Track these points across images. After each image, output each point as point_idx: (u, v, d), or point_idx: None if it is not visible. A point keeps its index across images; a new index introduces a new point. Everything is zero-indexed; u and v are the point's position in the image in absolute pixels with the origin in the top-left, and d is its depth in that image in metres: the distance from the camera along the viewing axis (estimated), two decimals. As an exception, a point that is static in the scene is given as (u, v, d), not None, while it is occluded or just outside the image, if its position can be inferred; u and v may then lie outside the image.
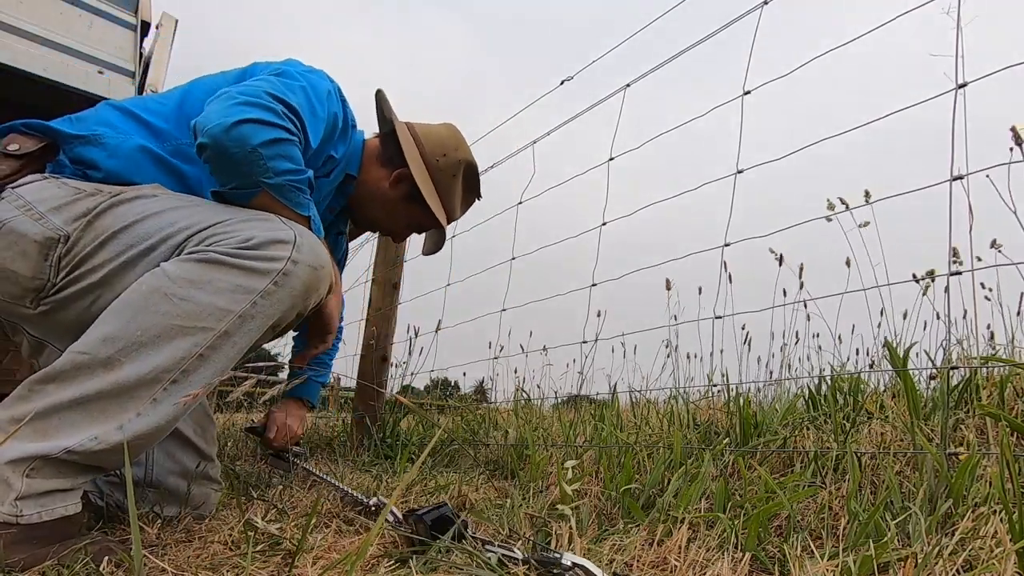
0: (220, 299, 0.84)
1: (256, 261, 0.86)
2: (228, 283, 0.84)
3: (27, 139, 0.98)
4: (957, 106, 1.03)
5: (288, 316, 0.92)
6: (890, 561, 0.75)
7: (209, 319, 0.83)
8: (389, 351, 2.31)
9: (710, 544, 0.88)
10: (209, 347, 0.83)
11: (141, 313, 0.81)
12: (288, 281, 0.89)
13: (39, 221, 0.88)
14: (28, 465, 0.75)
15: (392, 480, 1.43)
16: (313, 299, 0.96)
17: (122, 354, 0.79)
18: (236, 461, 1.80)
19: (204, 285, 0.83)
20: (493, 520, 1.06)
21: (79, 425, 0.77)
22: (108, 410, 0.79)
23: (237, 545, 0.89)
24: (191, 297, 0.82)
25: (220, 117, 0.88)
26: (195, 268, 0.84)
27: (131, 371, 0.79)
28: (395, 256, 2.35)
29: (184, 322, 0.82)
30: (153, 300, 0.82)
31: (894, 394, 1.53)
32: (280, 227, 0.90)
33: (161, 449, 1.05)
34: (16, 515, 0.74)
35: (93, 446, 0.77)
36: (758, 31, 1.40)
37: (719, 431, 1.46)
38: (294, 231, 0.91)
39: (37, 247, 0.87)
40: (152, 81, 2.03)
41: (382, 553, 0.86)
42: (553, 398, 2.71)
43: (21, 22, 1.65)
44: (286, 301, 0.89)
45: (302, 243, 0.90)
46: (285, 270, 0.88)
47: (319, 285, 0.95)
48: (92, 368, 0.79)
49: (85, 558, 0.73)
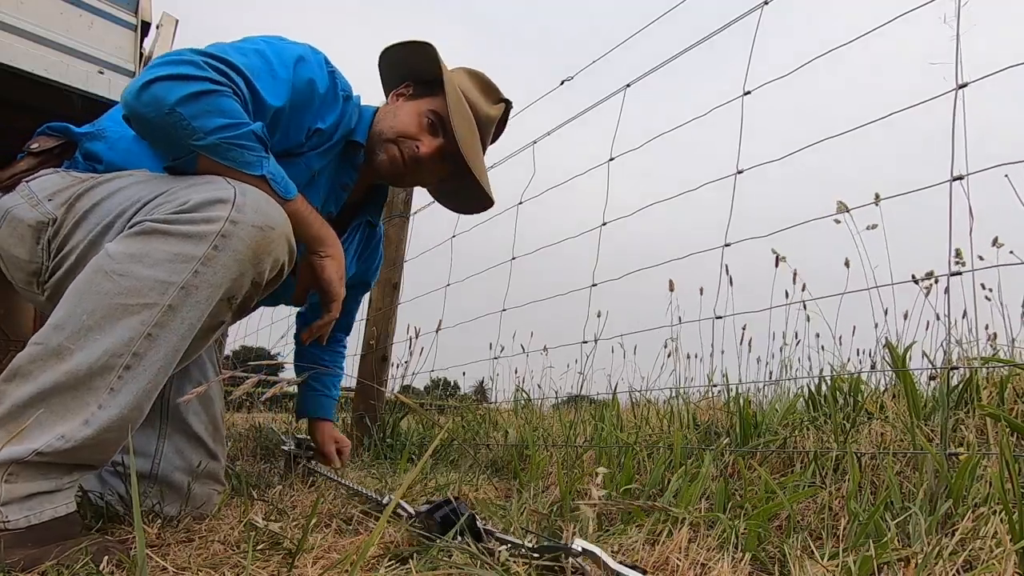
0: (159, 271, 0.79)
1: (191, 225, 0.80)
2: (166, 253, 0.79)
3: (48, 139, 1.03)
4: (957, 106, 1.03)
5: (240, 284, 0.85)
6: (890, 561, 0.75)
7: (151, 294, 0.78)
8: (389, 351, 2.31)
9: (710, 544, 0.88)
10: (156, 324, 0.79)
11: (85, 295, 0.78)
12: (229, 244, 0.81)
13: (36, 207, 0.92)
14: (5, 470, 0.73)
15: (393, 479, 1.43)
16: (267, 264, 0.87)
17: (71, 340, 0.76)
18: (236, 461, 1.80)
19: (143, 258, 0.79)
20: (498, 520, 1.06)
21: (46, 424, 0.75)
22: (69, 405, 0.76)
23: (237, 545, 0.89)
24: (130, 272, 0.78)
25: (134, 83, 0.83)
26: (133, 242, 0.80)
27: (82, 359, 0.76)
28: (395, 256, 2.35)
29: (126, 299, 0.78)
30: (96, 280, 0.78)
31: (894, 394, 1.53)
32: (221, 186, 0.83)
33: (171, 444, 1.05)
34: (2, 521, 0.72)
35: (61, 445, 0.75)
36: (758, 31, 1.40)
37: (719, 431, 1.46)
38: (235, 189, 0.83)
39: (31, 231, 0.91)
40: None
41: (382, 553, 0.86)
42: (553, 398, 2.71)
43: (22, 22, 1.65)
44: (232, 267, 0.82)
45: (244, 202, 0.83)
46: (224, 231, 0.81)
47: (270, 247, 0.86)
48: (46, 359, 0.76)
49: (85, 558, 0.73)
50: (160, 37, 2.08)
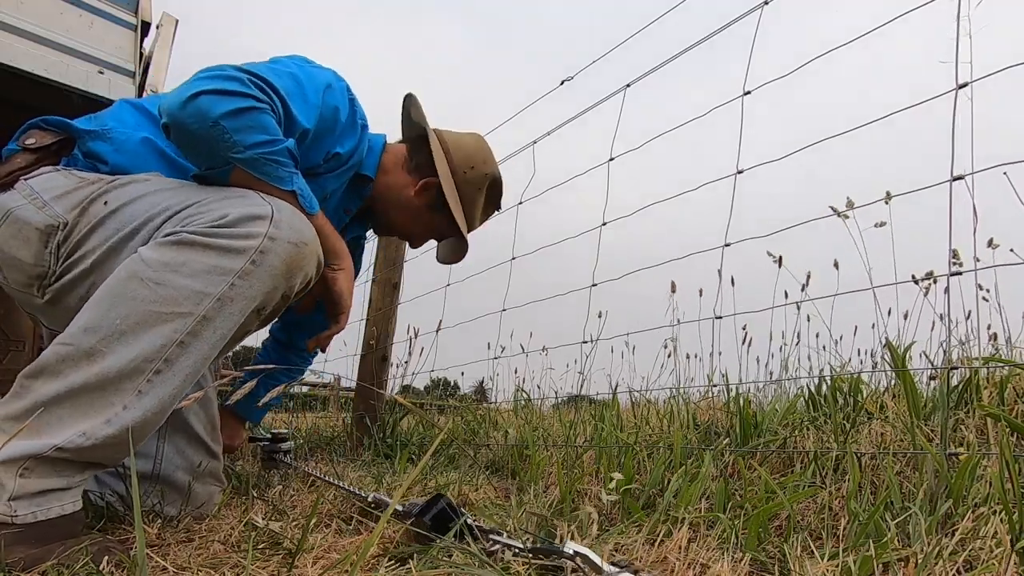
0: (197, 282, 0.81)
1: (231, 240, 0.82)
2: (204, 265, 0.81)
3: (44, 134, 0.99)
4: (957, 106, 1.03)
5: (272, 298, 0.88)
6: (890, 561, 0.75)
7: (187, 303, 0.80)
8: (389, 351, 2.31)
9: (710, 544, 0.88)
10: (189, 333, 0.81)
11: (119, 300, 0.79)
12: (266, 259, 0.84)
13: (42, 209, 0.90)
14: (21, 465, 0.74)
15: (392, 479, 1.43)
16: (298, 278, 0.90)
17: (103, 343, 0.77)
18: (236, 461, 1.80)
19: (180, 268, 0.80)
20: (496, 520, 1.06)
21: (67, 421, 0.76)
22: (95, 404, 0.77)
23: (237, 545, 0.89)
24: (167, 281, 0.80)
25: (178, 93, 0.85)
26: (170, 251, 0.81)
27: (113, 361, 0.77)
28: (395, 256, 2.35)
29: (162, 307, 0.79)
30: (130, 286, 0.79)
31: (894, 394, 1.53)
32: (257, 202, 0.86)
33: (172, 444, 1.05)
34: (11, 515, 0.73)
35: (82, 442, 0.76)
36: (758, 31, 1.40)
37: (719, 431, 1.46)
38: (272, 206, 0.86)
39: (38, 234, 0.89)
40: (152, 81, 2.03)
41: (382, 553, 0.86)
42: (553, 398, 2.71)
43: (22, 22, 1.65)
44: (267, 281, 0.85)
45: (280, 218, 0.86)
46: (262, 248, 0.83)
47: (303, 263, 0.89)
48: (76, 360, 0.77)
49: (85, 558, 0.73)
50: (160, 37, 2.08)
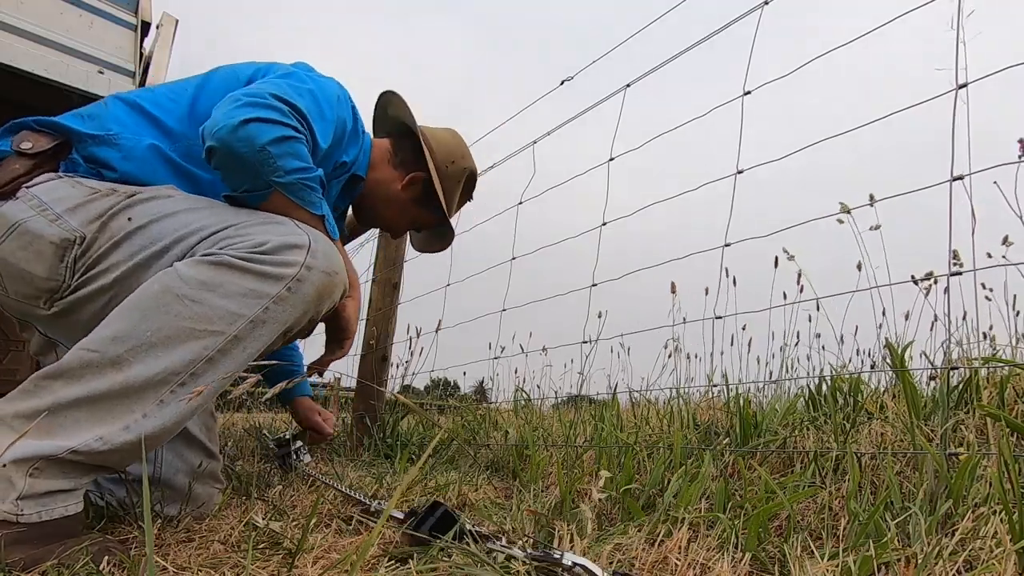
0: (232, 303, 0.83)
1: (270, 266, 0.85)
2: (241, 287, 0.83)
3: (40, 137, 0.97)
4: (957, 107, 1.03)
5: (300, 322, 0.91)
6: (890, 561, 0.75)
7: (220, 323, 0.82)
8: (389, 351, 2.31)
9: (710, 544, 0.88)
10: (219, 351, 0.82)
11: (152, 313, 0.80)
12: (302, 287, 0.87)
13: (55, 222, 0.88)
14: (32, 464, 0.75)
15: (392, 479, 1.43)
16: (327, 305, 0.94)
17: (131, 354, 0.78)
18: (236, 461, 1.80)
19: (216, 288, 0.82)
20: (495, 520, 1.06)
21: (84, 425, 0.77)
22: (114, 410, 0.78)
23: (237, 545, 0.89)
24: (203, 300, 0.81)
25: (226, 119, 0.88)
26: (208, 271, 0.83)
27: (140, 371, 0.78)
28: (395, 256, 2.35)
29: (195, 324, 0.81)
30: (165, 300, 0.81)
31: (894, 394, 1.53)
32: (295, 231, 0.89)
33: (170, 447, 1.05)
34: (16, 514, 0.73)
35: (98, 447, 0.77)
36: (758, 31, 1.40)
37: (719, 431, 1.46)
38: (309, 236, 0.89)
39: (53, 248, 0.87)
40: (152, 81, 2.03)
41: (382, 553, 0.86)
42: (553, 398, 2.71)
43: (22, 22, 1.65)
44: (299, 307, 0.88)
45: (317, 248, 0.89)
46: (299, 276, 0.87)
47: (333, 291, 0.93)
48: (100, 367, 0.78)
49: (85, 558, 0.73)
50: (160, 37, 2.08)
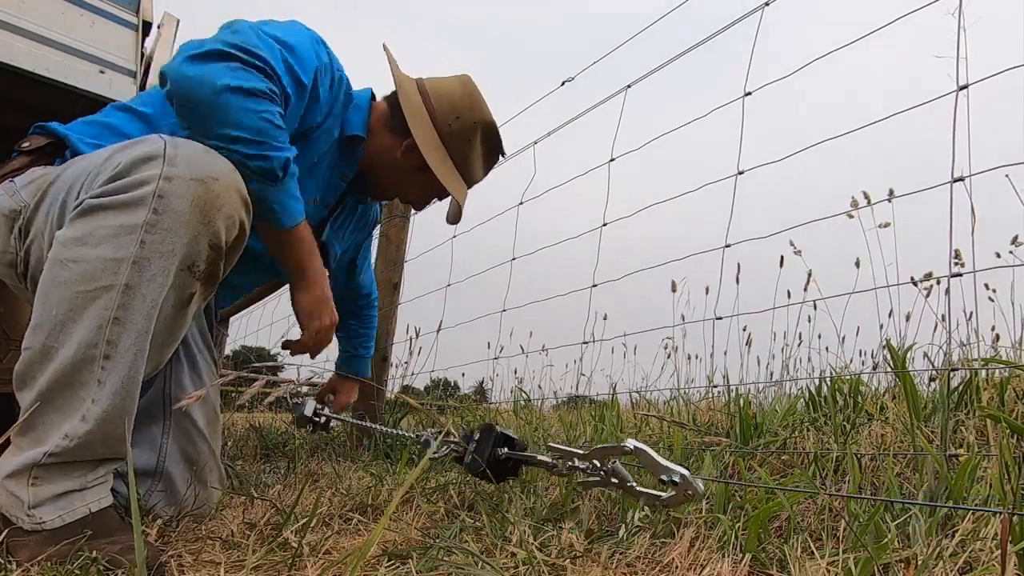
0: (106, 249, 0.74)
1: (125, 193, 0.75)
2: (107, 228, 0.74)
3: (40, 137, 1.02)
4: (959, 107, 1.03)
5: (196, 249, 0.79)
6: (890, 563, 0.75)
7: (104, 275, 0.75)
8: (389, 351, 2.31)
9: (711, 545, 0.88)
10: (119, 307, 0.75)
11: (51, 290, 0.76)
12: (169, 204, 0.75)
13: (11, 196, 0.91)
14: (29, 474, 0.75)
15: (392, 479, 1.44)
16: (219, 221, 0.80)
17: (51, 339, 0.75)
18: (236, 461, 1.80)
19: (88, 239, 0.75)
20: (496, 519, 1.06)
21: (55, 425, 0.76)
22: (68, 403, 0.76)
23: (237, 545, 0.89)
24: (81, 257, 0.75)
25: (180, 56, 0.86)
26: (78, 224, 0.76)
27: (64, 355, 0.75)
28: (395, 256, 2.35)
29: (83, 286, 0.75)
30: (54, 272, 0.76)
31: (895, 395, 1.53)
32: (148, 144, 0.77)
33: (175, 440, 1.05)
34: (39, 523, 0.74)
35: (67, 444, 0.76)
36: (759, 32, 1.40)
37: (719, 432, 1.46)
38: (165, 142, 0.77)
39: (4, 220, 0.91)
40: (153, 81, 2.03)
41: (382, 553, 0.86)
42: (553, 398, 2.71)
43: (23, 21, 1.65)
44: (179, 230, 0.76)
45: (175, 154, 0.76)
46: (159, 191, 0.74)
47: (217, 202, 0.79)
48: (39, 362, 0.76)
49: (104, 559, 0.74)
50: (161, 37, 2.08)
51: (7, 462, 0.76)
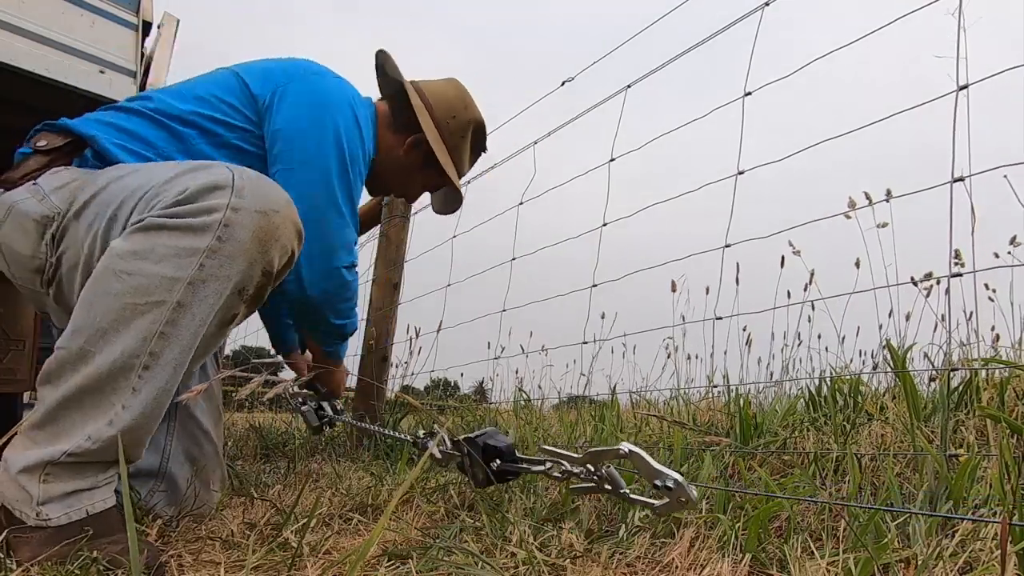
0: (166, 267, 0.78)
1: (192, 217, 0.78)
2: (170, 248, 0.78)
3: (54, 136, 1.00)
4: (959, 107, 1.03)
5: (250, 276, 0.83)
6: (890, 563, 0.75)
7: (159, 291, 0.77)
8: (389, 351, 2.31)
9: (711, 545, 0.88)
10: (168, 323, 0.78)
11: (98, 298, 0.78)
12: (234, 233, 0.79)
13: (41, 201, 0.90)
14: (42, 471, 0.76)
15: (392, 479, 1.44)
16: (275, 251, 0.84)
17: (90, 344, 0.77)
18: (236, 461, 1.80)
19: (148, 255, 0.77)
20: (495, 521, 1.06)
21: (78, 425, 0.78)
22: (98, 406, 0.78)
23: (237, 545, 0.89)
24: (137, 270, 0.77)
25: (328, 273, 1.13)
26: (137, 238, 0.78)
27: (102, 361, 0.77)
28: (395, 256, 2.35)
29: (135, 299, 0.77)
30: (105, 281, 0.78)
31: (895, 396, 1.53)
32: (217, 173, 0.81)
33: (179, 442, 1.06)
34: (45, 519, 0.75)
35: (89, 446, 0.77)
36: (759, 32, 1.40)
37: (719, 432, 1.46)
38: (233, 174, 0.81)
39: (35, 225, 0.89)
40: (153, 81, 2.03)
41: (382, 553, 0.86)
42: (555, 398, 2.71)
43: (23, 21, 1.65)
44: (239, 258, 0.80)
45: (243, 185, 0.80)
46: (225, 220, 0.78)
47: (276, 233, 0.83)
48: (73, 363, 0.78)
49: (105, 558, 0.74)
50: (161, 37, 2.08)
51: (20, 456, 0.77)
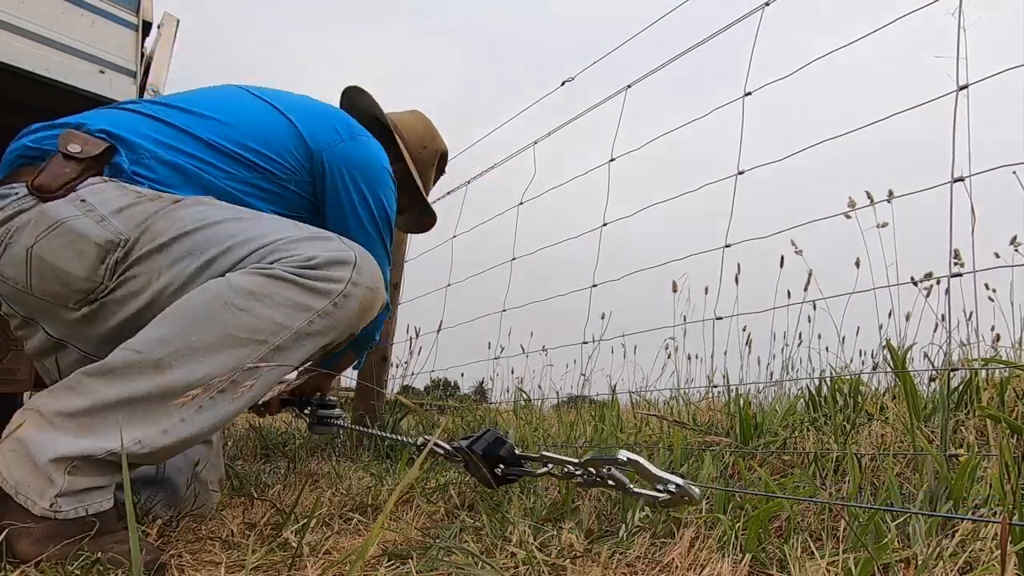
0: (279, 314, 0.84)
1: (318, 281, 0.87)
2: (288, 299, 0.85)
3: (88, 140, 0.94)
4: (959, 107, 1.03)
5: (341, 336, 0.93)
6: (890, 563, 0.75)
7: (265, 332, 0.84)
8: (389, 351, 2.31)
9: (711, 545, 0.88)
10: (261, 360, 0.84)
11: (200, 319, 0.81)
12: (347, 303, 0.89)
13: (100, 223, 0.86)
14: (71, 462, 0.76)
15: (392, 479, 1.44)
16: (367, 319, 0.96)
17: (174, 357, 0.79)
18: (236, 461, 1.80)
19: (265, 298, 0.84)
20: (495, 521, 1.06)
21: (125, 425, 0.78)
22: (153, 413, 0.79)
23: (237, 545, 0.89)
24: (251, 309, 0.83)
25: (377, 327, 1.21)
26: (258, 281, 0.84)
27: (181, 375, 0.79)
28: (395, 256, 2.35)
29: (240, 333, 0.82)
30: (214, 307, 0.82)
31: (895, 396, 1.53)
32: (341, 247, 0.91)
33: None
34: (54, 511, 0.75)
35: (136, 450, 0.78)
36: (759, 32, 1.40)
37: (719, 432, 1.46)
38: (355, 252, 0.92)
39: (96, 249, 0.86)
40: (153, 81, 2.03)
41: (382, 553, 0.86)
42: (554, 398, 2.71)
43: (23, 21, 1.65)
44: (342, 322, 0.90)
45: (362, 265, 0.91)
46: (345, 292, 0.89)
47: (374, 306, 0.96)
48: (143, 368, 0.79)
49: (105, 555, 0.74)
50: (161, 37, 2.08)
51: (50, 442, 0.76)
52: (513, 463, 1.05)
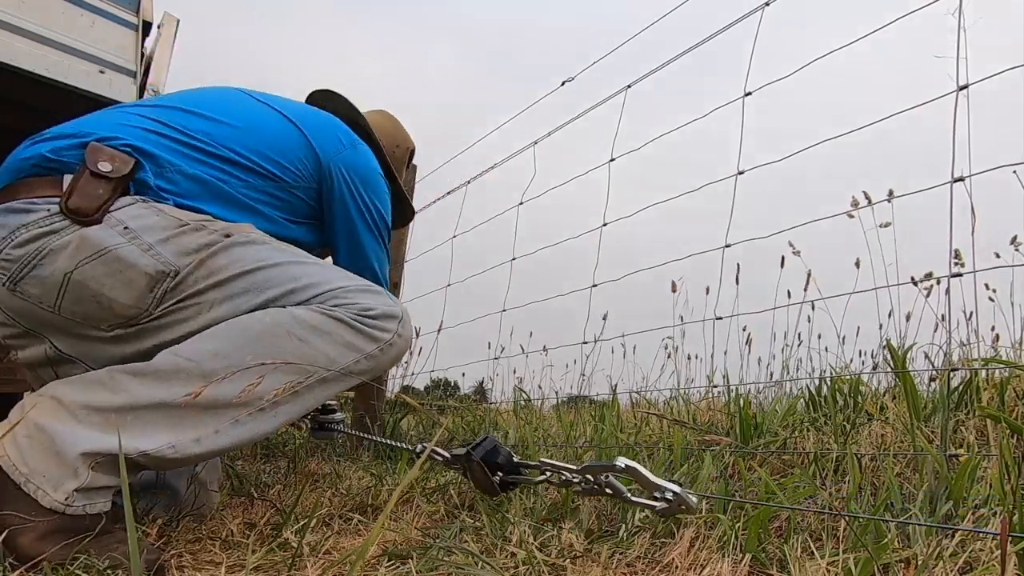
0: (333, 350, 0.91)
1: (373, 329, 0.96)
2: (344, 340, 0.92)
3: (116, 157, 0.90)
4: (959, 107, 1.03)
5: (375, 374, 1.02)
6: (890, 563, 0.75)
7: (317, 364, 0.90)
8: (389, 351, 2.31)
9: (711, 545, 0.88)
10: (306, 387, 0.89)
11: (259, 341, 0.85)
12: (391, 350, 0.99)
13: (148, 252, 0.85)
14: (96, 459, 0.77)
15: (392, 479, 1.44)
16: (396, 361, 1.07)
17: (226, 371, 0.82)
18: (236, 461, 1.80)
19: (325, 336, 0.90)
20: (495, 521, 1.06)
21: (158, 428, 0.80)
22: (189, 421, 0.81)
23: (237, 545, 0.89)
24: (309, 341, 0.89)
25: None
26: (321, 319, 0.91)
27: (229, 390, 0.82)
28: (396, 256, 2.35)
29: (295, 360, 0.88)
30: (275, 333, 0.87)
31: (895, 396, 1.53)
32: (391, 303, 1.02)
33: None
34: (65, 504, 0.75)
35: (168, 454, 0.79)
36: (759, 32, 1.40)
37: (719, 432, 1.46)
38: (400, 308, 1.03)
39: (147, 279, 0.84)
40: (153, 81, 2.03)
41: (382, 553, 0.86)
42: (554, 398, 2.71)
43: (23, 21, 1.65)
44: (381, 366, 1.00)
45: (406, 320, 1.03)
46: (391, 341, 0.99)
47: (405, 351, 1.06)
48: (190, 375, 0.81)
49: (105, 555, 0.74)
50: (161, 37, 2.08)
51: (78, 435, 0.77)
52: (511, 470, 1.06)
